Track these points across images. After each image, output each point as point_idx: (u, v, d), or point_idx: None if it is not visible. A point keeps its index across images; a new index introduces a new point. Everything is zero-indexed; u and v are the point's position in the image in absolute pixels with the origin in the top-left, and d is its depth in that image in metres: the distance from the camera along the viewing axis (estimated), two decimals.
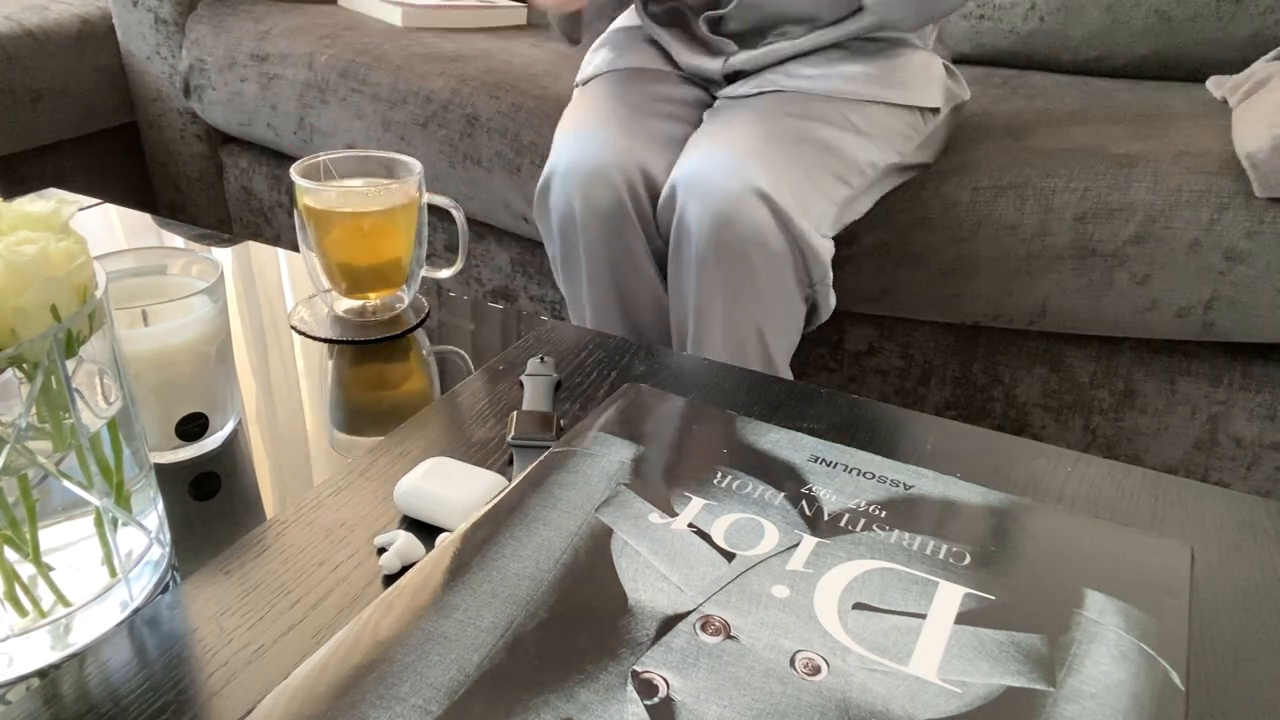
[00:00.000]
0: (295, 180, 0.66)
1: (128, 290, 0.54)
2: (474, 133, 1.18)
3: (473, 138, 1.18)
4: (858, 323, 1.11)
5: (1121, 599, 0.40)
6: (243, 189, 1.55)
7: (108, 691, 0.38)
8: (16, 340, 0.35)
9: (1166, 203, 0.92)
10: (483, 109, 1.18)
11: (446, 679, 0.35)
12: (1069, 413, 1.07)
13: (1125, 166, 0.95)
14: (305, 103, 1.34)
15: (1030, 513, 0.46)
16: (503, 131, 1.16)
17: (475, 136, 1.18)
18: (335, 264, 0.68)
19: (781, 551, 0.42)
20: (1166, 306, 0.94)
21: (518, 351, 0.64)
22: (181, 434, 0.53)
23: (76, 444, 0.38)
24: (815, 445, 0.50)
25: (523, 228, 1.21)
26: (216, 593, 0.43)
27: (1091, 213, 0.94)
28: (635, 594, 0.39)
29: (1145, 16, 1.29)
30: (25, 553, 0.38)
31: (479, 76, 1.22)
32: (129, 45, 1.54)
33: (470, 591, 0.39)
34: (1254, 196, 0.89)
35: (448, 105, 1.20)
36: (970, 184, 0.98)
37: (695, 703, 0.34)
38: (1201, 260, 0.92)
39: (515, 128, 1.15)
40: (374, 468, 0.52)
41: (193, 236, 0.84)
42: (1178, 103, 1.15)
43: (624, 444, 0.49)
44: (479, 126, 1.18)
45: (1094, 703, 0.35)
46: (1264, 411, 0.99)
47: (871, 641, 0.37)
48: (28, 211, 0.38)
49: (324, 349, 0.66)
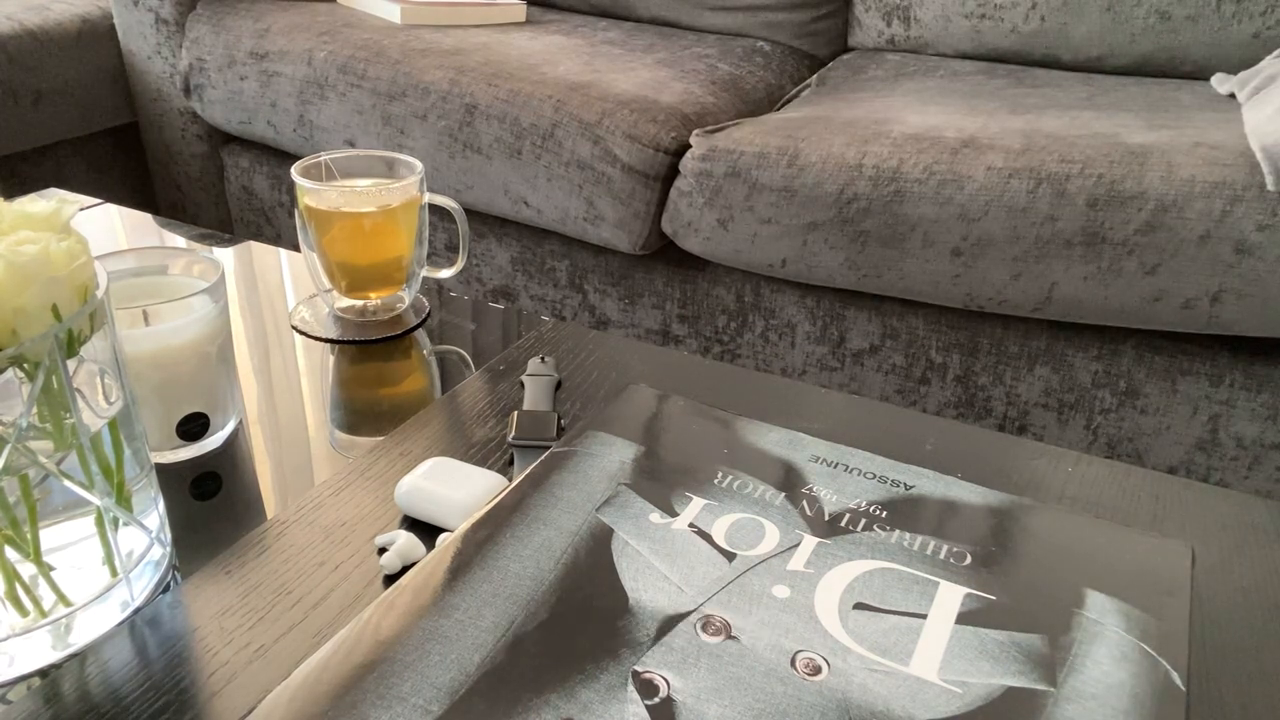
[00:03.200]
0: (296, 180, 0.66)
1: (128, 290, 0.54)
2: (473, 121, 1.19)
3: (472, 126, 1.19)
4: (859, 320, 1.11)
5: (1122, 599, 0.40)
6: (243, 189, 1.55)
7: (108, 691, 0.38)
8: (17, 340, 0.35)
9: (1179, 193, 0.92)
10: (481, 97, 1.18)
11: (447, 679, 0.35)
12: (1070, 412, 1.07)
13: (1139, 155, 0.95)
14: (305, 99, 1.34)
15: (1031, 513, 0.46)
16: (501, 117, 1.16)
17: (475, 124, 1.19)
18: (336, 263, 0.68)
19: (782, 551, 0.42)
20: (1173, 297, 0.94)
21: (518, 351, 0.64)
22: (182, 434, 0.53)
23: (77, 444, 0.38)
24: (816, 445, 0.50)
25: (523, 213, 1.21)
26: (217, 592, 0.43)
27: (1104, 200, 0.94)
28: (636, 594, 0.39)
29: (1146, 16, 1.29)
30: (26, 552, 0.38)
31: (477, 68, 1.22)
32: (130, 45, 1.54)
33: (471, 591, 0.39)
34: (1266, 189, 0.89)
35: (446, 96, 1.21)
36: (984, 163, 0.98)
37: (696, 703, 0.34)
38: (1211, 252, 0.91)
39: (514, 112, 1.16)
40: (374, 467, 0.52)
41: (193, 236, 0.84)
42: (1185, 96, 1.16)
43: (625, 444, 0.49)
44: (478, 114, 1.18)
45: (1094, 703, 0.35)
46: (1265, 411, 0.99)
47: (872, 641, 0.37)
48: (28, 211, 0.38)
49: (325, 349, 0.66)
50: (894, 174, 0.99)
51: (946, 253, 0.99)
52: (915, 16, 1.45)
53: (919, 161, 0.99)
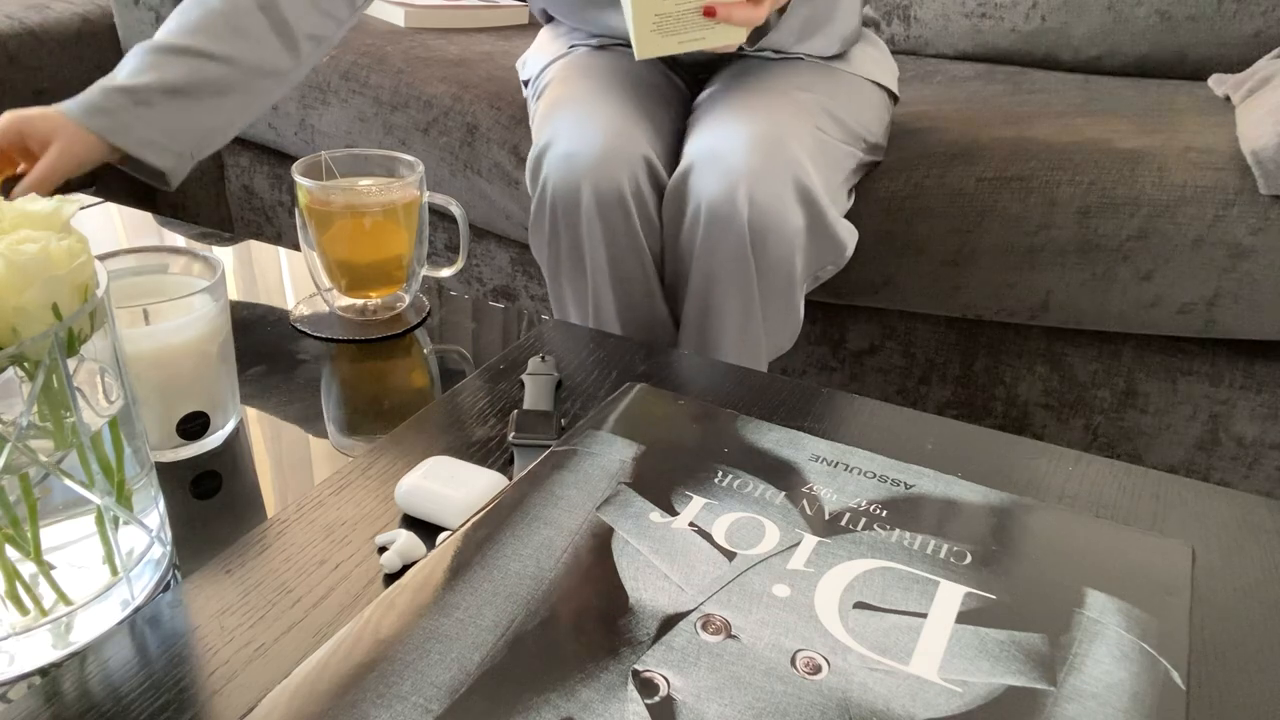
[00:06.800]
0: (296, 179, 0.66)
1: (129, 289, 0.54)
2: (474, 142, 1.18)
3: (473, 147, 1.18)
4: (859, 320, 1.11)
5: (1122, 598, 0.40)
6: (244, 188, 1.55)
7: (109, 690, 0.38)
8: (18, 339, 0.35)
9: (1171, 198, 0.92)
10: (482, 119, 1.17)
11: (447, 678, 0.35)
12: (1070, 412, 1.07)
13: (1131, 161, 0.95)
14: (306, 104, 1.34)
15: (1031, 512, 0.46)
16: (501, 143, 1.15)
17: (475, 146, 1.18)
18: (336, 262, 0.68)
19: (782, 551, 0.42)
20: (1169, 303, 0.94)
21: (518, 350, 0.64)
22: (182, 433, 0.53)
23: (78, 443, 0.38)
24: (816, 444, 0.50)
25: (525, 235, 1.20)
26: (217, 591, 0.43)
27: (1096, 207, 0.94)
28: (636, 593, 0.39)
29: (1146, 15, 1.28)
30: (26, 551, 0.38)
31: (480, 84, 1.21)
32: (130, 44, 1.54)
33: (471, 590, 0.39)
34: (1259, 193, 0.89)
35: (448, 112, 1.20)
36: (974, 174, 0.98)
37: (696, 702, 0.34)
38: (1205, 257, 0.92)
39: (514, 140, 1.14)
40: (375, 466, 0.52)
41: (194, 235, 0.84)
42: (1181, 100, 1.15)
43: (625, 443, 0.49)
44: (479, 136, 1.17)
45: (1095, 702, 0.35)
46: (1265, 411, 0.99)
47: (872, 641, 0.37)
48: (29, 210, 0.38)
49: (325, 348, 0.66)
50: (886, 188, 1.00)
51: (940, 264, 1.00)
52: (915, 16, 1.45)
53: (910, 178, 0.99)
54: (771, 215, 0.79)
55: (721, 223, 0.80)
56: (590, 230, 0.85)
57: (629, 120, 0.86)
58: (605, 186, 0.83)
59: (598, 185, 0.83)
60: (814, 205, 0.81)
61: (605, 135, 0.84)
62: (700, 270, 0.84)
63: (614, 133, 0.84)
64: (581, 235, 0.86)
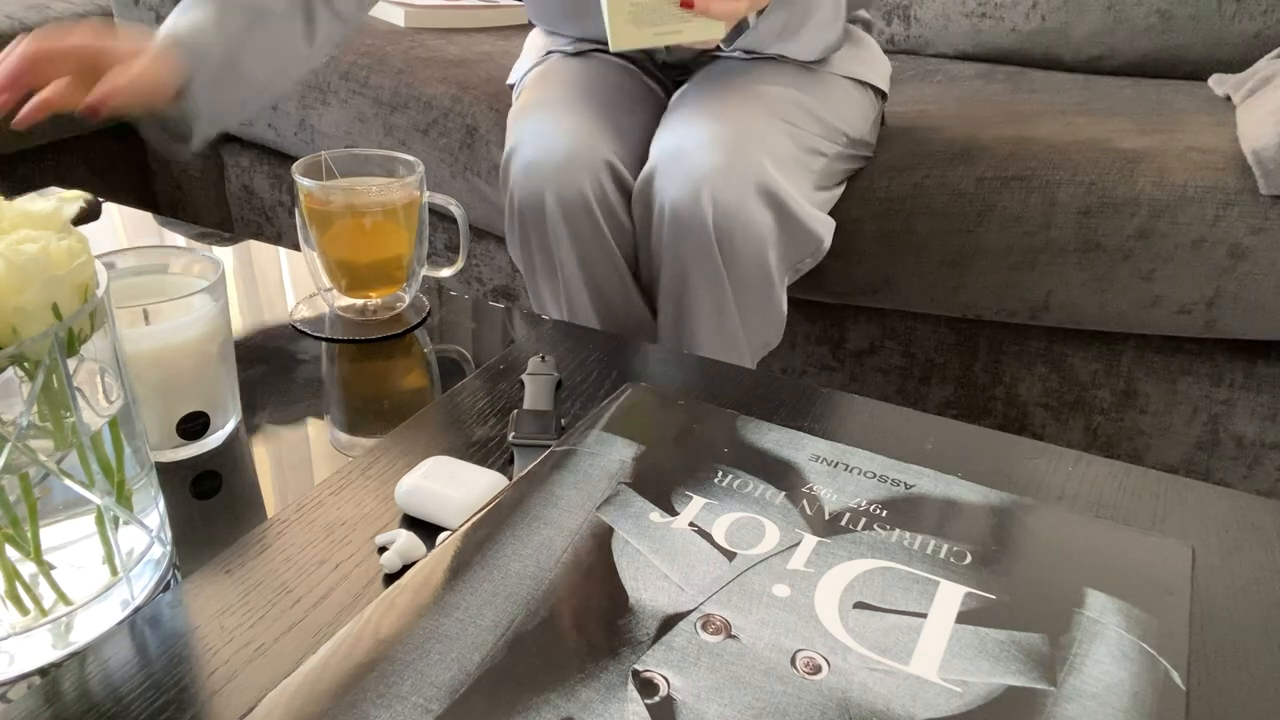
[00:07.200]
0: (296, 178, 0.66)
1: (129, 289, 0.54)
2: (473, 143, 1.18)
3: (472, 148, 1.18)
4: (859, 320, 1.11)
5: (1122, 598, 0.40)
6: (244, 188, 1.55)
7: (109, 690, 0.38)
8: (18, 339, 0.35)
9: (1172, 198, 0.92)
10: (482, 120, 1.17)
11: (447, 678, 0.35)
12: (1070, 412, 1.07)
13: (1131, 161, 0.95)
14: (306, 104, 1.34)
15: (1031, 512, 0.46)
16: (501, 144, 1.15)
17: (475, 147, 1.18)
18: (336, 262, 0.68)
19: (782, 551, 0.42)
20: (1169, 303, 0.94)
21: (518, 350, 0.64)
22: (182, 433, 0.53)
23: (78, 442, 0.38)
24: (816, 444, 0.50)
25: None
26: (217, 591, 0.43)
27: (1096, 207, 0.94)
28: (636, 593, 0.39)
29: (1147, 15, 1.28)
30: (26, 551, 0.38)
31: (480, 85, 1.21)
32: None
33: (471, 590, 0.39)
34: (1259, 193, 0.89)
35: (448, 114, 1.20)
36: (975, 174, 0.98)
37: (696, 702, 0.34)
38: (1205, 257, 0.92)
39: None
40: (375, 466, 0.52)
41: (194, 235, 0.84)
42: (1181, 99, 1.15)
43: (625, 443, 0.49)
44: (478, 137, 1.17)
45: (1094, 702, 0.35)
46: (1265, 411, 0.99)
47: (872, 641, 0.37)
48: (29, 210, 0.38)
49: (325, 348, 0.66)
50: (886, 188, 1.00)
51: (940, 264, 1.00)
52: (915, 16, 1.45)
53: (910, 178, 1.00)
54: (737, 215, 0.80)
55: (686, 223, 0.81)
56: (557, 235, 0.86)
57: (592, 124, 0.86)
58: (568, 193, 0.84)
59: (560, 192, 0.83)
60: (780, 202, 0.81)
61: (567, 141, 0.84)
62: (670, 270, 0.85)
63: (576, 138, 0.84)
64: (550, 240, 0.87)
